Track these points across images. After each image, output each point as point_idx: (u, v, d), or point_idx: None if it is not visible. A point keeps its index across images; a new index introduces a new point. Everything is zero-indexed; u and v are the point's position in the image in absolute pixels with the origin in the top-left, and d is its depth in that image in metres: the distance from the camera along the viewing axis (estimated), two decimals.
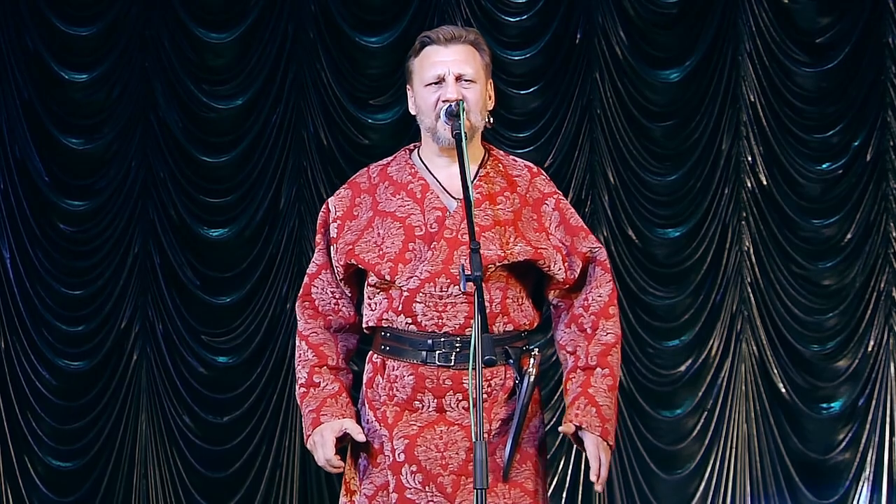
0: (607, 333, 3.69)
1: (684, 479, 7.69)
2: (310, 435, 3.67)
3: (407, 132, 7.24)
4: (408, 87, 3.76)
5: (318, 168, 7.81)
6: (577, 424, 3.61)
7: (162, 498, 7.72)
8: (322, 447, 3.63)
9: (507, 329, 3.63)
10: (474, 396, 3.34)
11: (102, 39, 7.86)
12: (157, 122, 7.84)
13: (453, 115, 3.58)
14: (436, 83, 3.66)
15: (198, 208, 7.83)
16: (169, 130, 7.83)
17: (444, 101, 3.62)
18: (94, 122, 7.84)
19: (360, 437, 3.62)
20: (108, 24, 7.84)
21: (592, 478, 3.63)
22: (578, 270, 3.70)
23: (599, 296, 3.71)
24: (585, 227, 3.77)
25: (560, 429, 3.64)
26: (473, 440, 3.31)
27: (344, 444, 3.67)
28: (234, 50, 7.90)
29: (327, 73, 7.84)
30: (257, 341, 7.77)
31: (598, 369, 3.65)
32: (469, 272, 3.37)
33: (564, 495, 7.57)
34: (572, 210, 3.78)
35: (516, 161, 3.81)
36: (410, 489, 3.56)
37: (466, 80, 3.66)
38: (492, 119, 3.71)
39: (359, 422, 3.68)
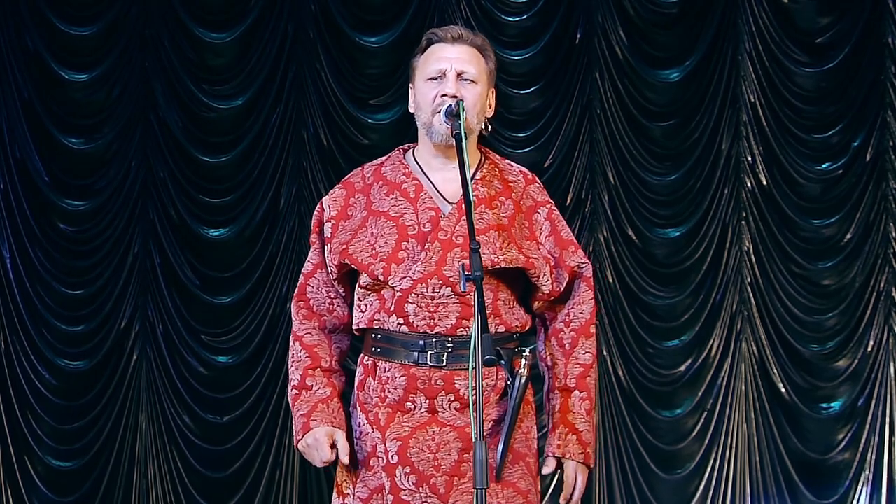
0: (585, 352, 3.72)
1: (684, 479, 7.69)
2: (299, 439, 3.68)
3: (407, 132, 7.22)
4: (410, 84, 3.76)
5: (317, 168, 7.81)
6: (560, 455, 3.68)
7: (162, 498, 7.72)
8: (318, 449, 3.64)
9: (499, 330, 3.64)
10: (474, 396, 3.34)
11: (102, 39, 7.86)
12: (157, 121, 7.84)
13: (453, 115, 3.57)
14: (436, 78, 3.66)
15: (198, 208, 7.83)
16: (169, 130, 7.83)
17: (442, 96, 3.62)
18: (94, 122, 7.84)
19: (345, 459, 3.63)
20: (108, 24, 7.84)
21: (562, 501, 3.71)
22: (564, 283, 3.72)
23: (581, 313, 3.74)
24: (575, 241, 3.78)
25: (542, 471, 3.71)
26: (473, 440, 3.31)
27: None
28: (233, 50, 7.90)
29: (327, 72, 7.84)
30: (257, 341, 7.77)
31: (577, 392, 3.69)
32: (469, 272, 3.36)
33: (560, 498, 7.55)
34: (563, 222, 3.79)
35: (512, 166, 3.81)
36: (405, 490, 3.57)
37: (467, 80, 3.65)
38: (489, 127, 3.71)
39: (349, 426, 3.69)
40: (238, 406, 7.76)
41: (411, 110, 3.75)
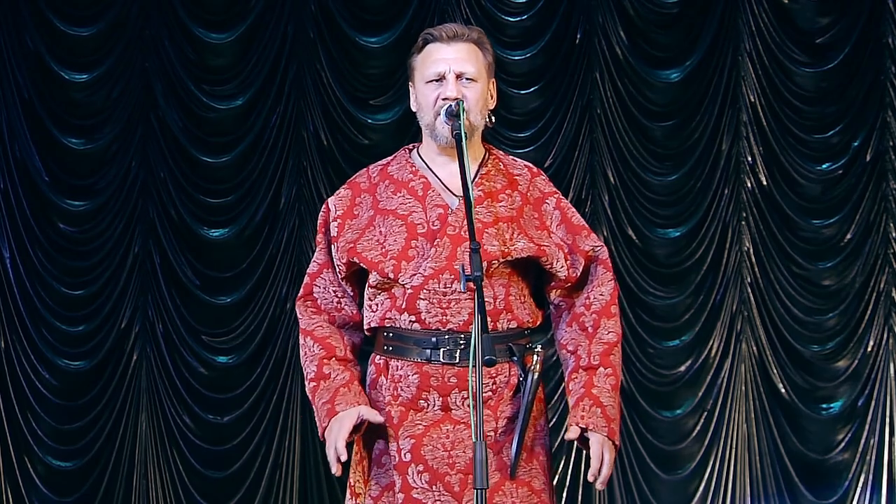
0: (609, 332, 3.68)
1: (684, 480, 7.69)
2: (325, 426, 3.61)
3: (407, 132, 7.25)
4: (410, 83, 3.76)
5: (318, 168, 7.81)
6: (584, 426, 3.60)
7: (162, 498, 7.72)
8: (337, 433, 3.56)
9: (510, 326, 3.63)
10: (475, 398, 3.33)
11: (103, 39, 7.86)
12: (158, 122, 7.84)
13: (453, 115, 3.57)
14: (436, 80, 3.65)
15: (198, 208, 7.83)
16: (169, 130, 7.83)
17: (443, 99, 3.62)
18: (95, 122, 7.84)
19: (378, 419, 3.58)
20: (109, 24, 7.84)
21: (590, 477, 3.61)
22: (581, 268, 3.70)
23: (601, 294, 3.71)
24: (587, 225, 3.77)
25: (566, 436, 3.62)
26: (473, 440, 3.31)
27: (359, 433, 3.63)
28: (234, 50, 7.90)
29: (327, 73, 7.84)
30: (257, 341, 7.77)
31: (601, 369, 3.64)
32: (469, 272, 3.36)
33: (565, 495, 7.57)
34: (573, 209, 3.77)
35: (516, 161, 3.81)
36: (417, 489, 3.55)
37: (467, 79, 3.65)
38: (492, 119, 3.71)
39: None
40: (238, 406, 7.76)
41: (413, 109, 3.75)
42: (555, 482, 7.43)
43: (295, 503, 7.73)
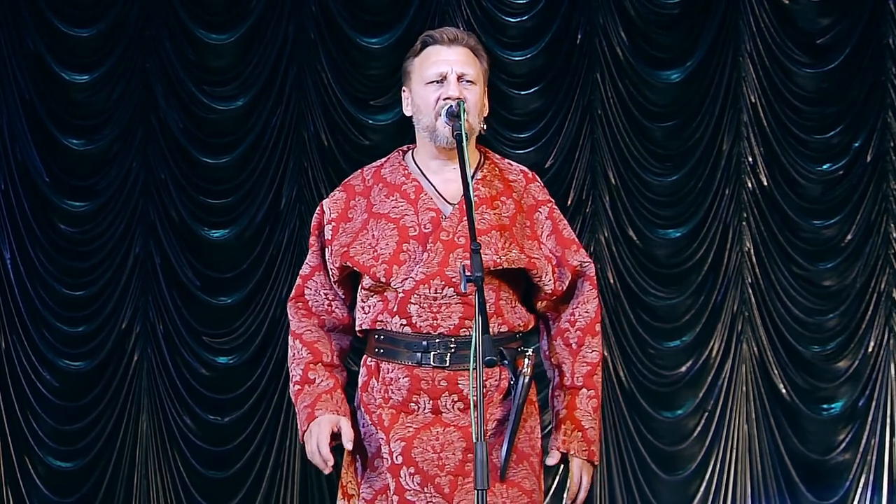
0: (592, 351, 3.74)
1: (685, 480, 7.69)
2: (305, 430, 3.66)
3: (408, 133, 7.17)
4: (403, 88, 3.76)
5: (318, 169, 7.81)
6: (565, 451, 3.69)
7: (163, 498, 7.72)
8: (317, 435, 3.61)
9: (501, 330, 3.64)
10: (475, 397, 3.34)
11: (103, 40, 7.86)
12: (158, 122, 7.84)
13: (454, 116, 3.57)
14: (437, 81, 3.66)
15: (198, 209, 7.84)
16: (170, 131, 7.84)
17: (444, 99, 3.62)
18: (95, 123, 7.84)
19: (348, 445, 3.62)
20: (109, 25, 7.84)
21: (568, 501, 3.73)
22: (567, 282, 3.73)
23: (586, 311, 3.75)
24: (577, 240, 3.79)
25: (547, 461, 3.71)
26: (474, 441, 3.32)
27: (338, 442, 3.66)
28: (234, 51, 7.90)
29: (328, 73, 7.84)
30: (258, 342, 7.77)
31: (584, 390, 3.72)
32: (469, 273, 3.36)
33: (565, 496, 7.55)
34: (565, 221, 3.80)
35: (512, 165, 3.81)
36: (409, 491, 3.57)
37: (467, 81, 3.66)
38: (485, 126, 3.71)
39: (354, 422, 3.68)
40: (239, 407, 7.76)
41: (408, 114, 3.75)
42: (555, 483, 7.48)
43: None
